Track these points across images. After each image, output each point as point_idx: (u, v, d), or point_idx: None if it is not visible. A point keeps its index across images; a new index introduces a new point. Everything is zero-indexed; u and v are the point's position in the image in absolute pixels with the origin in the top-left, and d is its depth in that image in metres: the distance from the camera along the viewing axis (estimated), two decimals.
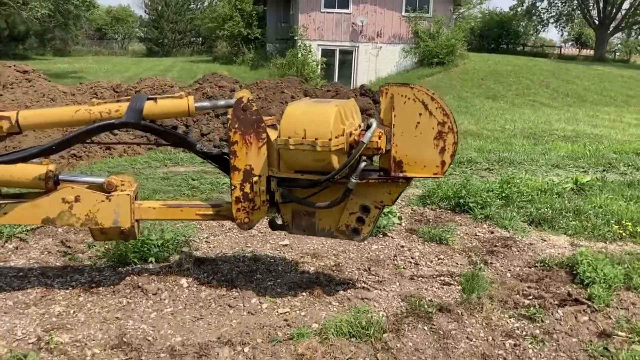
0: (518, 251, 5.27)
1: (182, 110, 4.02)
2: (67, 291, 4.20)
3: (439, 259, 5.04)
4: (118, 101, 4.06)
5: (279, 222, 4.21)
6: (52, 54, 52.73)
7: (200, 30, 55.05)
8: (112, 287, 4.29)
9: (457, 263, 4.96)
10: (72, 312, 3.92)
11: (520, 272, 4.77)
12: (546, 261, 4.92)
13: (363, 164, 3.81)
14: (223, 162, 4.06)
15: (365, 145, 3.70)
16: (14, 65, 15.15)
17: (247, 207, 4.03)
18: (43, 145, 3.88)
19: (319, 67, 32.58)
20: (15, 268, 4.59)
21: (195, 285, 4.36)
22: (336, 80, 31.46)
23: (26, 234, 5.28)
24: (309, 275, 4.62)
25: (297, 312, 3.98)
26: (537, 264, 4.93)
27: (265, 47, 38.92)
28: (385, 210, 5.75)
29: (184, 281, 4.40)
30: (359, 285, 4.41)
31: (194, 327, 3.75)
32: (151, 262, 4.68)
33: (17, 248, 5.02)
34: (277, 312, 3.97)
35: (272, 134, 3.86)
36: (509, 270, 4.82)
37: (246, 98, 3.91)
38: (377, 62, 33.40)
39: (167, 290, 4.26)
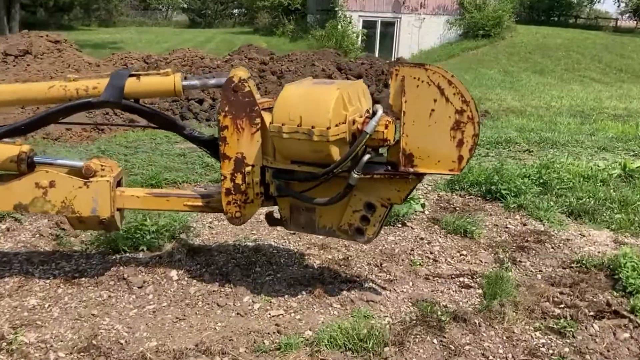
0: (552, 248, 4.68)
1: (167, 89, 3.58)
2: (48, 281, 3.87)
3: (461, 255, 4.51)
4: (97, 77, 3.67)
5: (278, 216, 3.76)
6: (97, 24, 53.25)
7: (242, 1, 54.58)
8: (95, 277, 3.94)
9: (481, 261, 4.42)
10: (47, 305, 3.59)
11: (552, 273, 4.20)
12: (583, 261, 4.33)
13: (367, 157, 3.32)
14: (215, 149, 3.61)
15: (368, 136, 3.20)
16: (46, 35, 15.04)
17: (238, 200, 3.60)
18: (11, 125, 3.51)
19: (359, 39, 31.74)
20: (1, 252, 4.29)
21: (185, 279, 3.97)
22: (377, 53, 30.61)
23: (22, 214, 4.99)
24: (313, 270, 4.17)
25: (292, 315, 3.54)
26: (572, 265, 4.34)
27: (305, 19, 38.23)
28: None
29: (174, 273, 4.02)
30: (367, 285, 3.93)
31: (174, 330, 3.36)
32: (142, 250, 4.31)
33: (8, 229, 4.73)
34: (270, 314, 3.54)
35: (268, 119, 3.37)
36: (540, 271, 4.25)
37: (237, 77, 3.44)
38: (420, 34, 32.33)
39: (153, 284, 3.88)
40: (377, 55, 25.40)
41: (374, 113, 3.25)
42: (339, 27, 30.57)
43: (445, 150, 3.20)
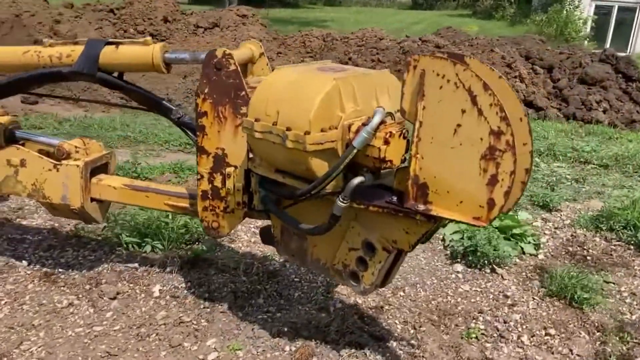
0: None
1: (145, 62, 2.86)
2: (25, 273, 3.44)
3: (545, 335, 3.09)
4: (75, 43, 3.06)
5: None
6: (323, 3, 55.30)
7: None
8: (77, 277, 3.42)
9: (571, 351, 2.96)
10: (1, 303, 3.15)
11: None
12: None
13: (358, 180, 2.22)
14: None
15: (355, 151, 2.13)
16: (237, 10, 15.48)
17: (216, 207, 2.78)
18: None
19: (587, 25, 28.01)
20: (16, 231, 4.00)
21: (165, 298, 3.25)
22: (608, 44, 26.68)
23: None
24: (327, 315, 3.15)
25: None
26: None
27: (531, 2, 34.97)
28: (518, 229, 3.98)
29: (156, 288, 3.32)
30: (376, 358, 2.81)
31: None
32: (144, 251, 3.69)
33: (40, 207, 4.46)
34: None
35: None
36: None
37: (221, 52, 2.57)
38: None
39: (125, 299, 3.23)
40: (607, 46, 21.98)
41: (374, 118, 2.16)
42: (564, 12, 27.25)
43: (471, 187, 2.01)
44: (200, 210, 2.81)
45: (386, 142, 2.14)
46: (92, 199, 3.14)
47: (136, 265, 3.53)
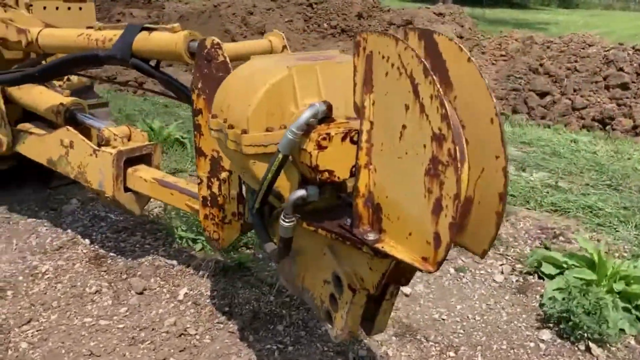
0: None
1: (170, 50, 2.66)
2: (82, 251, 3.50)
3: None
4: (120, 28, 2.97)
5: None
6: (557, 5, 51.44)
7: None
8: (117, 264, 3.39)
9: None
10: (45, 276, 3.23)
11: None
12: None
13: (299, 194, 1.76)
14: None
15: (280, 156, 1.68)
16: (430, 7, 15.04)
17: (215, 216, 2.50)
18: (28, 70, 3.15)
19: None
20: (103, 208, 4.13)
21: (187, 303, 3.04)
22: None
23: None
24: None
25: None
26: None
27: None
28: None
29: (183, 291, 3.13)
30: None
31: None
32: (194, 249, 3.53)
33: None
34: None
35: None
36: None
37: (210, 42, 2.29)
38: None
39: (150, 296, 3.10)
40: None
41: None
42: None
43: (417, 214, 1.47)
44: (201, 218, 2.55)
45: (320, 147, 1.63)
46: (128, 189, 3.05)
47: (174, 262, 3.38)
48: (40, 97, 3.34)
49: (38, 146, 3.33)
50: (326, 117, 1.70)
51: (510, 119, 8.79)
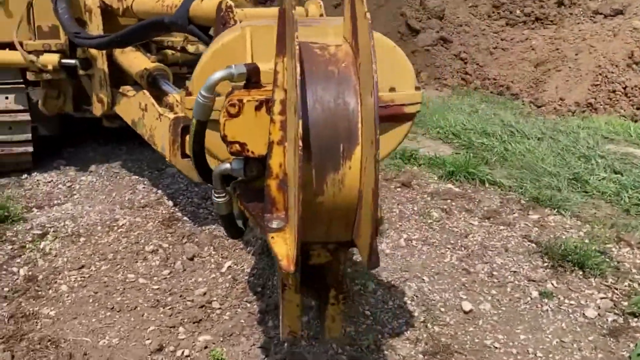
0: None
1: (211, 17, 2.58)
2: (160, 212, 3.65)
3: None
4: None
5: None
6: None
7: None
8: (184, 228, 3.46)
9: None
10: (117, 231, 3.43)
11: None
12: None
13: (220, 169, 1.64)
14: None
15: (194, 122, 1.58)
16: None
17: None
18: (112, 36, 3.26)
19: None
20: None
21: (226, 277, 2.99)
22: None
23: None
24: None
25: None
26: None
27: None
28: None
29: (227, 265, 3.08)
30: None
31: (90, 310, 2.67)
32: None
33: None
34: None
35: None
36: None
37: (225, 4, 2.18)
38: None
39: (196, 263, 3.11)
40: None
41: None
42: None
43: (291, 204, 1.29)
44: None
45: (229, 115, 1.41)
46: (186, 155, 3.07)
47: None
48: (134, 61, 3.52)
49: (126, 108, 3.52)
50: (252, 82, 1.48)
51: None
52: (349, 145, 1.20)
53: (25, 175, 4.14)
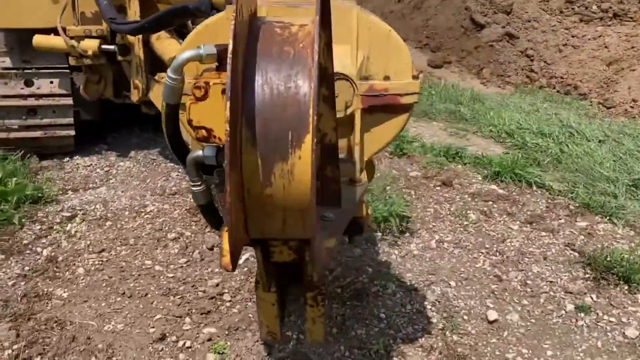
0: None
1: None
2: (190, 200, 3.63)
3: None
4: None
5: None
6: None
7: None
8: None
9: None
10: (147, 216, 3.43)
11: None
12: None
13: (193, 155, 1.54)
14: None
15: (163, 104, 1.55)
16: None
17: None
18: (142, 22, 3.24)
19: None
20: None
21: (242, 269, 2.92)
22: None
23: None
24: None
25: None
26: None
27: None
28: None
29: (245, 257, 3.01)
30: None
31: (96, 295, 2.65)
32: None
33: None
34: None
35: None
36: None
37: None
38: None
39: (215, 254, 3.05)
40: None
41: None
42: None
43: None
44: None
45: (197, 98, 1.32)
46: None
47: None
48: (167, 48, 3.49)
49: (158, 94, 3.50)
50: (224, 64, 1.38)
51: None
52: (298, 133, 1.07)
53: (67, 158, 4.23)
